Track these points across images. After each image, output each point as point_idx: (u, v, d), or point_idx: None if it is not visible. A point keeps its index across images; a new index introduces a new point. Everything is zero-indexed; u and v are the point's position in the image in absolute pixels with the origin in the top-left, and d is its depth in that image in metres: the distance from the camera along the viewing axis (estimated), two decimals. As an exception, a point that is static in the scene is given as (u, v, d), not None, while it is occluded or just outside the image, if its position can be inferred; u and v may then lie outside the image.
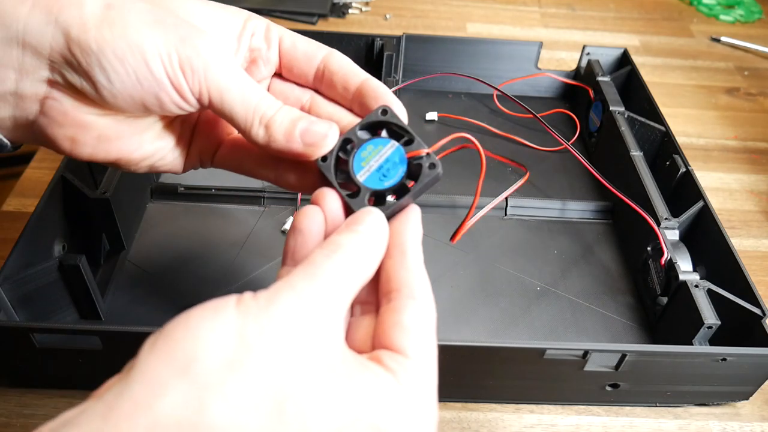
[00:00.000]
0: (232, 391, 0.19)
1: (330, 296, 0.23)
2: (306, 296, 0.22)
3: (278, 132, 0.28)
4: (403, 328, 0.25)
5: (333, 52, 0.32)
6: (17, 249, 0.40)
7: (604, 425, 0.43)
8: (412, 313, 0.25)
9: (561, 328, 0.48)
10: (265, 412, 0.19)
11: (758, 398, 0.44)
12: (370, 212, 0.27)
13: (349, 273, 0.24)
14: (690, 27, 0.90)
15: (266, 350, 0.20)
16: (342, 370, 0.22)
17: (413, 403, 0.23)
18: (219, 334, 0.20)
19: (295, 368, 0.21)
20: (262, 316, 0.21)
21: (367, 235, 0.26)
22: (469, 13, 0.89)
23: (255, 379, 0.20)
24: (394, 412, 0.22)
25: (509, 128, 0.65)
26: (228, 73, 0.28)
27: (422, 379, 0.24)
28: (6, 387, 0.41)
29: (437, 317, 0.26)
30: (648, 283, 0.49)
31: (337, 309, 0.23)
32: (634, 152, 0.55)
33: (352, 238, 0.25)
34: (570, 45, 0.83)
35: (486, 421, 0.42)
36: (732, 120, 0.73)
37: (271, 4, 0.83)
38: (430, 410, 0.24)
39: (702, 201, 0.50)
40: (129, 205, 0.50)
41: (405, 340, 0.24)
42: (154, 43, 0.27)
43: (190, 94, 0.28)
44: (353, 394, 0.22)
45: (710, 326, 0.41)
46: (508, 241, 0.54)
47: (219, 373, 0.19)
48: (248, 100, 0.28)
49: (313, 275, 0.23)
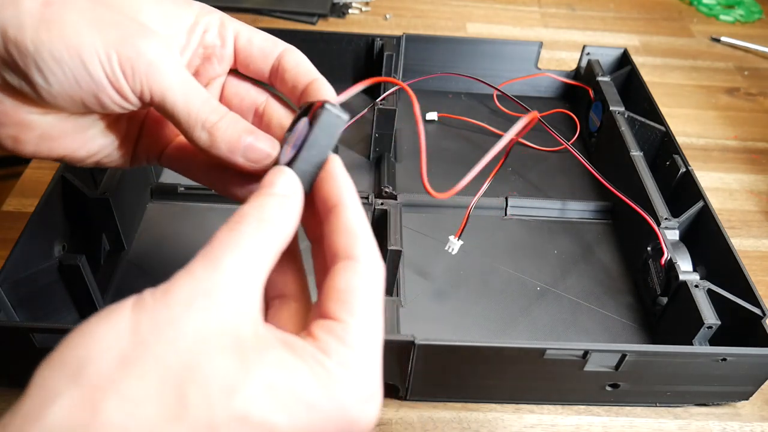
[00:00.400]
0: (126, 387, 0.19)
1: (232, 274, 0.22)
2: (204, 280, 0.21)
3: (221, 141, 0.28)
4: (336, 291, 0.23)
5: (289, 49, 0.31)
6: (17, 249, 0.40)
7: (604, 425, 0.43)
8: (347, 274, 0.24)
9: (561, 328, 0.48)
10: (164, 402, 0.19)
11: (758, 398, 0.44)
12: (271, 173, 0.26)
13: (253, 243, 0.23)
14: (690, 27, 0.90)
15: (161, 341, 0.20)
16: (252, 347, 0.21)
17: (340, 377, 0.22)
18: (112, 335, 0.20)
19: (195, 354, 0.20)
20: (157, 308, 0.21)
21: (270, 197, 0.25)
22: (469, 13, 0.88)
23: (150, 371, 0.19)
24: (314, 387, 0.21)
25: (509, 128, 0.65)
26: (170, 75, 0.27)
27: (356, 348, 0.23)
28: (6, 387, 0.41)
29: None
30: (648, 283, 0.49)
31: (243, 287, 0.22)
32: (634, 152, 0.55)
33: (252, 205, 0.24)
34: (570, 45, 0.83)
35: (486, 421, 0.42)
36: (732, 120, 0.73)
37: (271, 4, 0.83)
38: (364, 383, 0.22)
39: (702, 201, 0.50)
40: (129, 205, 0.50)
41: (338, 304, 0.23)
42: (92, 44, 0.26)
43: (131, 94, 0.27)
44: (265, 370, 0.21)
45: (710, 326, 0.41)
46: (508, 241, 0.54)
47: (111, 373, 0.19)
48: (191, 103, 0.27)
49: (212, 256, 0.22)
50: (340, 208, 0.26)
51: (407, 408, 0.43)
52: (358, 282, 0.24)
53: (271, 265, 0.23)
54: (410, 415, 0.42)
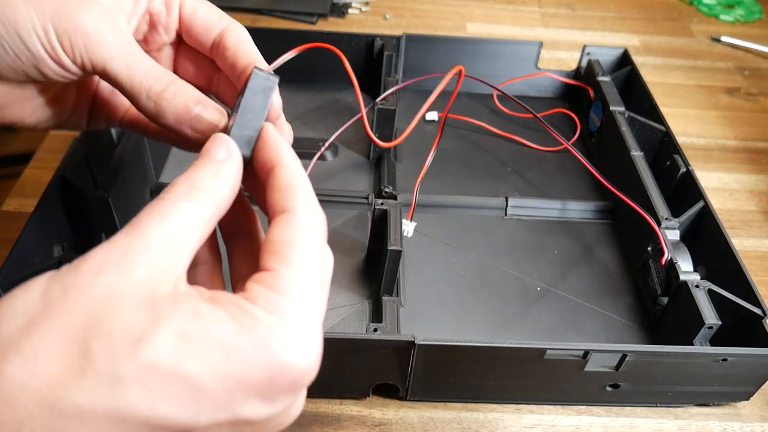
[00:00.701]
0: (28, 346, 0.19)
1: (152, 239, 0.21)
2: (121, 245, 0.21)
3: (168, 112, 0.28)
4: (272, 243, 0.23)
5: (233, 26, 0.31)
6: (17, 249, 0.40)
7: (604, 425, 0.43)
8: (282, 225, 0.23)
9: (561, 328, 0.48)
10: (68, 358, 0.19)
11: (759, 398, 0.44)
12: (209, 141, 0.26)
13: (180, 209, 0.22)
14: (690, 27, 0.90)
15: (67, 302, 0.20)
16: (167, 300, 0.20)
17: (266, 322, 0.21)
18: (22, 301, 0.20)
19: (102, 310, 0.20)
20: (69, 274, 0.20)
21: (203, 164, 0.24)
22: (469, 13, 0.88)
23: (53, 330, 0.19)
24: (232, 332, 0.20)
25: (509, 128, 0.65)
26: (110, 45, 0.27)
27: (288, 294, 0.22)
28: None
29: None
30: (648, 283, 0.49)
31: (163, 250, 0.21)
32: (634, 152, 0.55)
33: (185, 174, 0.24)
34: (570, 45, 0.83)
35: (486, 421, 0.42)
36: (732, 120, 0.73)
37: (271, 4, 0.83)
38: (296, 329, 0.21)
39: (702, 201, 0.50)
40: (129, 205, 0.50)
41: (272, 256, 0.23)
42: (28, 18, 0.26)
43: (72, 65, 0.27)
44: (177, 319, 0.20)
45: (711, 326, 0.41)
46: (508, 241, 0.54)
47: (16, 335, 0.19)
48: (133, 72, 0.27)
49: (135, 224, 0.22)
50: (277, 168, 0.25)
51: (407, 408, 0.43)
52: (293, 232, 0.23)
53: (203, 230, 0.23)
54: (410, 415, 0.42)
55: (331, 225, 0.54)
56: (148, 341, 0.19)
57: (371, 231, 0.50)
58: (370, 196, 0.54)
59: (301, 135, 0.62)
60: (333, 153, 0.61)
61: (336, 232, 0.53)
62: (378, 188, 0.55)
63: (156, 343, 0.19)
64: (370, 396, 0.43)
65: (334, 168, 0.59)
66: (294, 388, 0.22)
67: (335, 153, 0.61)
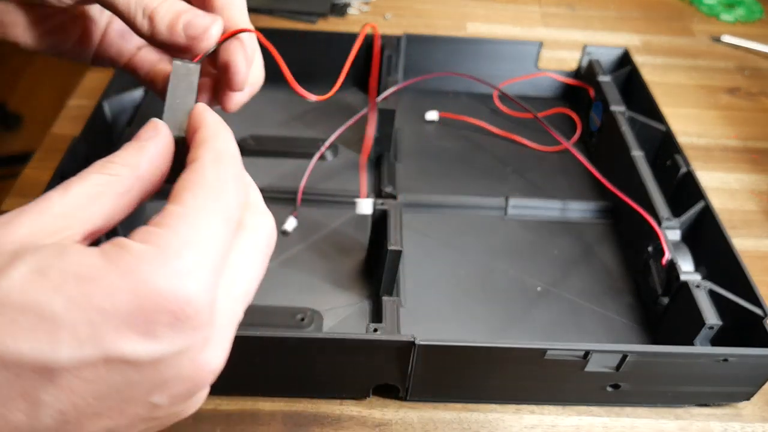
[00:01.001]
0: None
1: (41, 208, 0.22)
2: (19, 210, 0.21)
3: (161, 24, 0.29)
4: (171, 194, 0.23)
5: None
6: (16, 249, 0.40)
7: (604, 426, 0.43)
8: (182, 175, 0.23)
9: (561, 328, 0.48)
10: None
11: (759, 399, 0.44)
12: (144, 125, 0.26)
13: (87, 182, 0.23)
14: (691, 26, 0.90)
15: None
16: (31, 248, 0.20)
17: (138, 251, 0.20)
18: None
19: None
20: None
21: (129, 144, 0.25)
22: (469, 12, 0.88)
23: None
24: (95, 263, 0.19)
25: (509, 128, 0.65)
26: None
27: (170, 226, 0.21)
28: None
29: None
30: (649, 283, 0.49)
31: (57, 213, 0.22)
32: (634, 152, 0.55)
33: (110, 155, 0.25)
34: (570, 44, 0.83)
35: (486, 421, 0.42)
36: (733, 120, 0.73)
37: (271, 4, 0.83)
38: (176, 256, 0.20)
39: (703, 201, 0.50)
40: (128, 205, 0.50)
41: (167, 203, 0.22)
42: None
43: None
44: (35, 258, 0.19)
45: (711, 327, 0.41)
46: (508, 241, 0.54)
47: None
48: None
49: (41, 198, 0.22)
50: (197, 132, 0.26)
51: (407, 408, 0.43)
52: (189, 175, 0.23)
53: (116, 200, 0.24)
54: (410, 415, 0.42)
55: (331, 225, 0.54)
56: (0, 278, 0.19)
57: (371, 231, 0.50)
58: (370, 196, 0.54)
59: (301, 135, 0.62)
60: (333, 153, 0.60)
61: (336, 232, 0.53)
62: (378, 188, 0.55)
63: (8, 279, 0.19)
64: (370, 396, 0.43)
65: (334, 168, 0.59)
66: (177, 321, 0.20)
67: (335, 153, 0.61)
